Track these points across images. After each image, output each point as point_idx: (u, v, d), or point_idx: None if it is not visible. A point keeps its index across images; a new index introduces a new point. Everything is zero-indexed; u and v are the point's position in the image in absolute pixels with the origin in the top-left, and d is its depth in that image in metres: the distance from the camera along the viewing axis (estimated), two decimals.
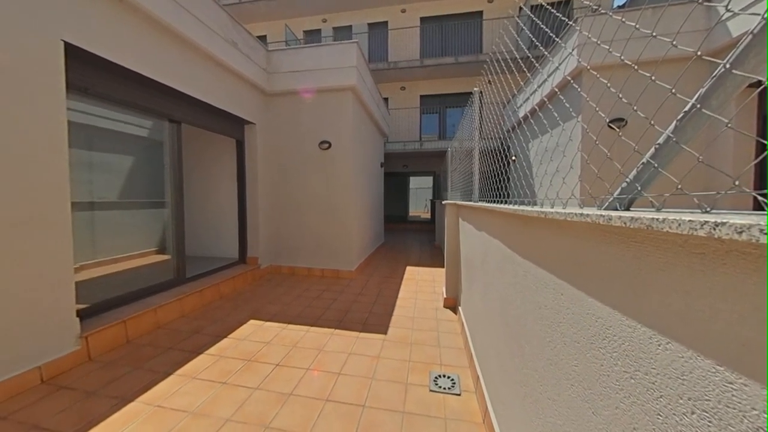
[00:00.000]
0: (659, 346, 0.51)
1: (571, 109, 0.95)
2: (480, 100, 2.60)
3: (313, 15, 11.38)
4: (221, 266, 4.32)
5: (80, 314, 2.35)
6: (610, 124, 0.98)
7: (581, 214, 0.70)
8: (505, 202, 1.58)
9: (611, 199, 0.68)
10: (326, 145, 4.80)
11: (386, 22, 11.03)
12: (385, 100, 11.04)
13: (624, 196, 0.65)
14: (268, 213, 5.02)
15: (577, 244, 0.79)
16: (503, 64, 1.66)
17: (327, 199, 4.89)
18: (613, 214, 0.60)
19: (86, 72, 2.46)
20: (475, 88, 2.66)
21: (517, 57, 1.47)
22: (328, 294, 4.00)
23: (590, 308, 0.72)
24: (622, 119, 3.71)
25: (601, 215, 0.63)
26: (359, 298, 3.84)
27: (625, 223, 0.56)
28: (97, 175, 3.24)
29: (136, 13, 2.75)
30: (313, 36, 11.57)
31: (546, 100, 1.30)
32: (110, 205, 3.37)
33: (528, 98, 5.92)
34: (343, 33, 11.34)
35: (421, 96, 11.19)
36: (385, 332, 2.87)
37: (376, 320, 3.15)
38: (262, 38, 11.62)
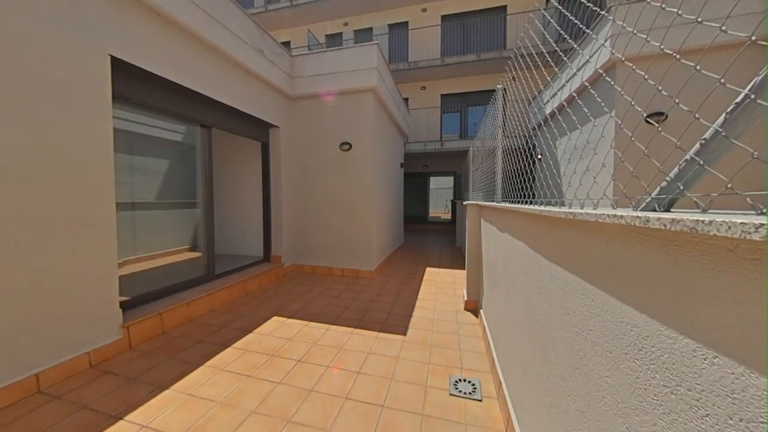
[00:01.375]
0: (705, 360, 0.47)
1: (603, 104, 0.89)
2: (503, 98, 2.52)
3: (334, 19, 11.59)
4: (247, 264, 4.51)
5: (122, 306, 2.56)
6: (647, 119, 0.91)
7: (615, 216, 0.66)
8: (530, 203, 1.52)
9: (649, 199, 0.64)
10: (347, 147, 4.87)
11: (407, 23, 11.01)
12: (405, 100, 11.02)
13: (663, 196, 0.60)
14: (290, 213, 5.17)
15: (610, 247, 0.74)
16: (528, 60, 1.60)
17: (347, 200, 4.96)
18: (652, 215, 0.55)
19: (129, 82, 2.67)
20: (498, 85, 2.58)
21: (544, 51, 1.41)
22: (347, 293, 4.05)
23: (624, 316, 0.67)
24: (661, 113, 3.44)
25: (637, 216, 0.59)
26: (378, 298, 3.85)
27: (665, 225, 0.52)
28: (137, 178, 3.50)
29: (173, 27, 2.95)
30: (334, 39, 11.79)
31: (575, 95, 1.24)
32: (148, 206, 3.63)
33: (555, 94, 5.65)
34: (363, 35, 11.46)
35: (442, 95, 11.04)
36: (404, 333, 2.86)
37: (396, 321, 3.15)
38: (286, 44, 12.00)
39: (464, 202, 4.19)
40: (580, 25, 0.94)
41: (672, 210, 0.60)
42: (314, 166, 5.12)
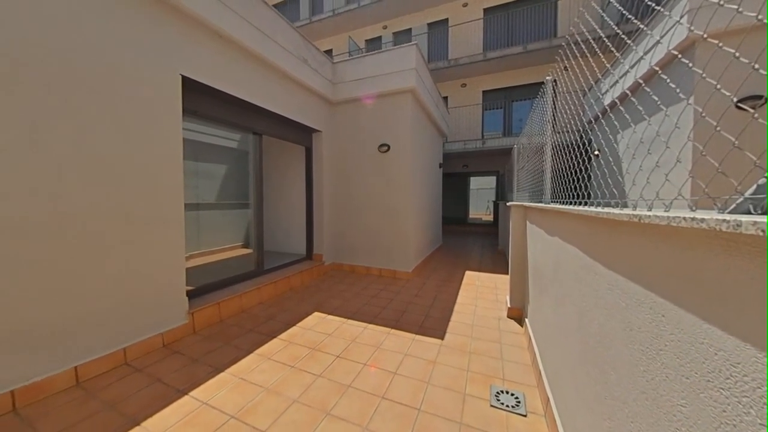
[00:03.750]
0: None
1: (678, 90, 0.77)
2: (553, 90, 2.33)
3: (374, 23, 11.82)
4: (291, 261, 4.81)
5: (188, 294, 2.89)
6: (739, 104, 0.77)
7: (694, 219, 0.56)
8: (585, 204, 1.38)
9: (740, 199, 0.53)
10: (385, 148, 4.92)
11: (446, 20, 10.78)
12: (445, 98, 10.79)
13: (760, 196, 0.50)
14: (331, 213, 5.39)
15: (687, 255, 0.64)
16: (584, 46, 1.45)
17: (385, 201, 5.00)
18: (745, 219, 0.47)
19: (195, 97, 3.02)
20: (547, 77, 2.39)
21: (602, 36, 1.27)
22: (385, 293, 4.09)
23: (706, 337, 0.58)
24: (759, 97, 2.88)
25: (724, 220, 0.50)
26: (415, 300, 3.82)
27: (762, 231, 0.43)
28: (199, 181, 3.94)
29: (231, 45, 3.27)
30: (374, 43, 12.02)
31: (641, 82, 1.10)
32: (208, 206, 4.06)
33: (616, 82, 5.07)
34: (402, 37, 11.50)
35: (484, 91, 10.59)
36: (441, 337, 2.79)
37: (433, 324, 3.09)
38: (328, 52, 12.55)
39: (508, 203, 3.96)
40: (649, 2, 0.82)
41: None
42: (353, 167, 5.26)
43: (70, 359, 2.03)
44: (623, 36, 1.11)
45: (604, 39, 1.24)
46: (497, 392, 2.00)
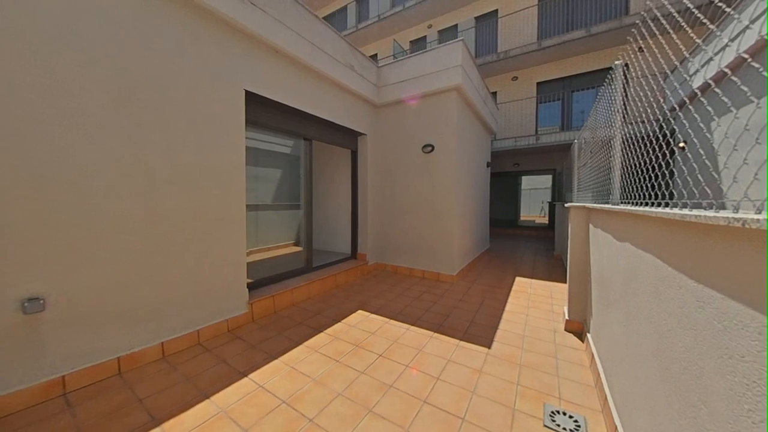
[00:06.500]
0: None
1: None
2: (624, 75, 2.04)
3: (419, 23, 11.76)
4: (337, 260, 5.02)
5: (248, 286, 3.21)
6: None
7: None
8: (666, 205, 1.18)
9: None
10: (429, 149, 4.85)
11: (496, 11, 10.23)
12: (494, 94, 10.23)
13: None
14: (375, 214, 5.49)
15: None
16: (665, 21, 1.24)
17: (429, 202, 4.93)
18: None
19: (255, 109, 3.35)
20: (616, 61, 2.11)
21: (690, 6, 1.08)
22: (428, 296, 4.02)
23: None
24: None
25: None
26: (460, 305, 3.68)
27: None
28: (257, 184, 4.35)
29: (285, 59, 3.55)
30: (419, 44, 11.96)
31: (747, 56, 0.90)
32: (265, 207, 4.46)
33: (709, 60, 4.26)
34: (448, 34, 11.24)
35: (538, 83, 9.79)
36: (488, 345, 2.65)
37: (479, 331, 2.95)
38: (373, 56, 12.85)
39: (566, 204, 3.59)
40: None
41: None
42: (397, 169, 5.29)
43: (159, 336, 2.41)
44: (719, 3, 0.93)
45: (693, 10, 1.05)
46: (552, 412, 1.82)
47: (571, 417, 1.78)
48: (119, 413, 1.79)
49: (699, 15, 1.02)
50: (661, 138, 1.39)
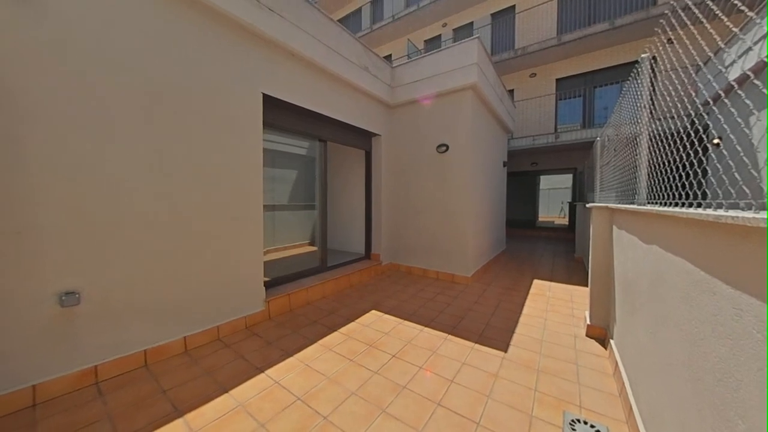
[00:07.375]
0: None
1: None
2: (651, 69, 1.94)
3: (433, 22, 11.66)
4: (351, 260, 5.05)
5: (265, 285, 3.29)
6: None
7: None
8: (699, 205, 1.11)
9: None
10: (443, 149, 4.80)
11: (513, 6, 9.99)
12: (510, 92, 10.00)
13: None
14: (389, 215, 5.49)
15: None
16: (698, 10, 1.17)
17: (443, 202, 4.87)
18: None
19: (272, 111, 3.43)
20: (643, 54, 2.01)
21: None
22: (442, 297, 3.98)
23: None
24: None
25: None
26: (475, 307, 3.62)
27: None
28: (273, 185, 4.45)
29: (302, 62, 3.62)
30: (433, 43, 11.87)
31: None
32: (281, 207, 4.57)
33: (748, 50, 3.98)
34: (463, 32, 11.08)
35: (557, 79, 9.48)
36: (504, 349, 2.58)
37: (494, 334, 2.88)
38: (387, 57, 12.86)
39: (587, 205, 3.45)
40: None
41: None
42: (411, 169, 5.27)
43: (182, 330, 2.51)
44: None
45: None
46: (572, 420, 1.75)
47: (592, 426, 1.70)
48: (145, 403, 1.88)
49: (736, 2, 0.95)
50: (692, 134, 1.31)
